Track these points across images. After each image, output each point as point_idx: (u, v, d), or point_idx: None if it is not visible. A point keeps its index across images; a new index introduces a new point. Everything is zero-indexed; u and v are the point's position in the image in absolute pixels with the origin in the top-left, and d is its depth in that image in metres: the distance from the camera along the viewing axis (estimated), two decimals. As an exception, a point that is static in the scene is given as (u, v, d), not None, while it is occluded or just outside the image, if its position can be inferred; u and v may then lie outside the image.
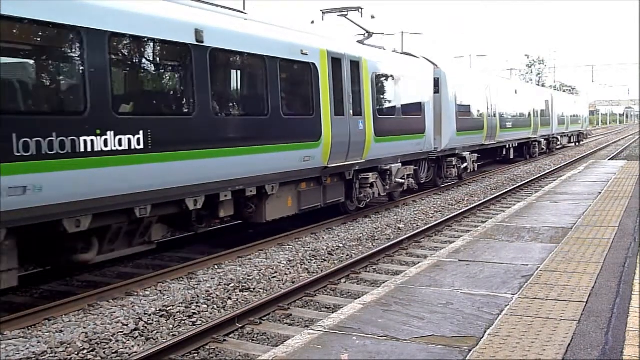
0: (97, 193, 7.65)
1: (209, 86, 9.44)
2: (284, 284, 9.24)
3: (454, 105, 20.20)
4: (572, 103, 46.11)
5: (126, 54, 8.58)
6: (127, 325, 7.29)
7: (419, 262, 8.34)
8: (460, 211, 15.39)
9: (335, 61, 12.89)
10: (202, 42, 9.30)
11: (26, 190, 6.73)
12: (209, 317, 7.77)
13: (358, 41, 15.63)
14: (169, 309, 7.87)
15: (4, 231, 6.71)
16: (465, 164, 21.13)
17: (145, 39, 8.56)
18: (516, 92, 29.12)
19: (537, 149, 33.86)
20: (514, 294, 6.11)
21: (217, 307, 8.15)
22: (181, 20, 9.09)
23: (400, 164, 15.92)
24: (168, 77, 9.53)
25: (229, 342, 6.96)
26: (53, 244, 7.88)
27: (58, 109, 7.50)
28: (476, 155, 22.52)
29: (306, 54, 11.94)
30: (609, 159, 31.76)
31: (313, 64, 12.15)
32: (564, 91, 77.87)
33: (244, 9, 12.86)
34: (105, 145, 7.63)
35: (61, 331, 7.13)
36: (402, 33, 51.99)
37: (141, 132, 8.17)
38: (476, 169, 23.01)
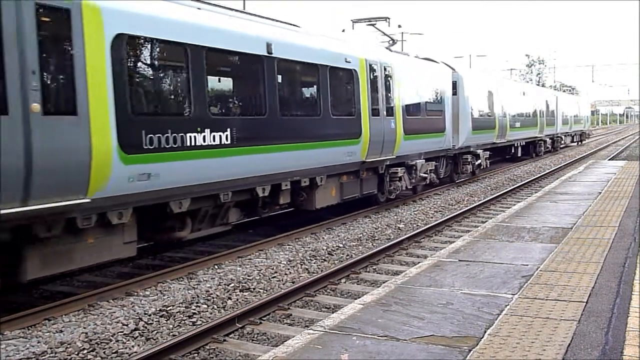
0: (196, 180, 9.24)
1: (276, 91, 11.16)
2: (284, 284, 9.24)
3: (470, 106, 21.81)
4: (575, 104, 47.81)
5: (217, 65, 10.18)
6: (127, 325, 7.29)
7: (419, 262, 8.34)
8: (460, 211, 15.39)
9: (372, 67, 14.59)
10: (272, 53, 10.99)
11: (150, 176, 8.37)
12: (209, 317, 7.77)
13: (386, 47, 17.60)
14: (169, 309, 7.88)
15: (130, 209, 8.30)
16: (478, 161, 22.64)
17: (231, 52, 10.27)
18: (524, 94, 30.95)
19: (542, 148, 35.34)
20: (514, 294, 6.11)
21: (217, 307, 8.15)
22: (257, 35, 10.78)
23: (424, 160, 17.38)
24: (247, 84, 11.12)
25: (229, 342, 6.96)
26: (159, 222, 9.42)
27: (173, 111, 9.23)
28: (488, 152, 24.03)
29: (349, 62, 13.64)
30: (609, 159, 31.77)
31: (355, 70, 13.82)
32: (564, 91, 79.07)
33: (244, 9, 14.03)
34: (204, 141, 9.27)
35: (61, 331, 7.13)
36: (402, 33, 51.93)
37: (228, 130, 9.77)
38: (488, 166, 24.45)
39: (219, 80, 10.48)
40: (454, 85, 20.57)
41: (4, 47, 6.46)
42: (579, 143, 49.30)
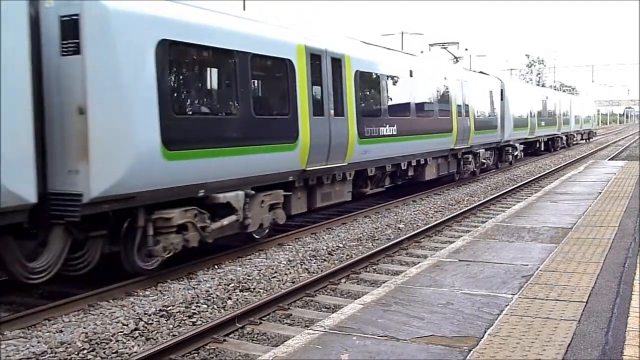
0: (386, 155, 15.09)
1: (413, 98, 16.96)
2: (284, 284, 9.24)
3: (511, 109, 27.84)
4: (585, 105, 54.08)
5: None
6: (127, 325, 7.29)
7: (419, 262, 8.34)
8: (460, 211, 15.39)
9: (458, 82, 20.52)
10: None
11: (365, 152, 13.92)
12: (209, 317, 7.77)
13: (464, 68, 24.05)
14: (169, 309, 7.88)
15: (353, 171, 13.84)
16: (516, 152, 29.09)
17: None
18: (547, 98, 37.96)
19: (559, 143, 41.55)
20: (514, 294, 6.11)
21: (217, 307, 8.15)
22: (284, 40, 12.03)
23: (484, 150, 23.43)
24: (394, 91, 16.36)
25: (229, 342, 6.96)
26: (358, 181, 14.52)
27: (374, 114, 14.93)
28: (522, 145, 30.62)
29: (447, 79, 19.58)
30: (609, 159, 31.77)
31: (448, 85, 19.69)
32: (564, 91, 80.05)
33: (244, 9, 14.20)
34: (386, 132, 14.95)
35: (61, 331, 7.13)
36: (402, 33, 51.97)
37: (395, 125, 15.41)
38: (522, 157, 31.54)
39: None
40: (501, 92, 26.55)
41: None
42: (587, 140, 54.35)
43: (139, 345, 6.86)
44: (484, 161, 23.75)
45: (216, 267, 10.08)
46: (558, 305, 5.71)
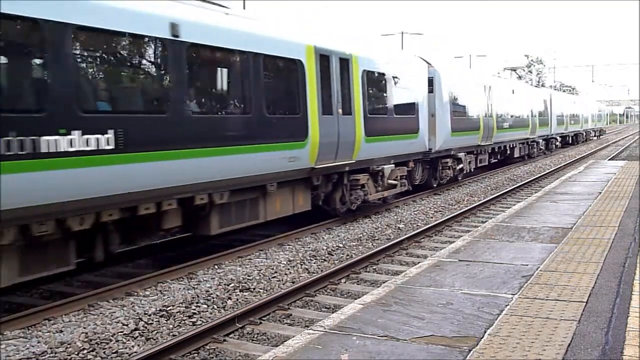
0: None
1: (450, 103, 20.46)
2: (284, 284, 9.24)
3: (554, 111, 37.30)
4: (597, 107, 67.38)
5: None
6: (127, 325, 7.29)
7: (419, 262, 8.33)
8: (460, 211, 15.39)
9: (482, 86, 23.71)
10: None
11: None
12: (209, 317, 7.77)
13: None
14: (169, 309, 7.88)
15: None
16: (557, 142, 37.68)
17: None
18: (574, 103, 48.74)
19: (581, 138, 52.18)
20: (514, 294, 6.11)
21: (217, 307, 8.15)
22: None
23: (542, 140, 31.03)
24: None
25: (229, 342, 6.96)
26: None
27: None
28: (560, 137, 41.69)
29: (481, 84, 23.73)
30: (609, 159, 31.76)
31: (487, 85, 24.23)
32: (564, 91, 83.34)
33: (244, 9, 14.68)
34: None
35: (61, 331, 7.13)
36: (402, 33, 51.97)
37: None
38: (554, 149, 40.05)
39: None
40: (550, 100, 36.15)
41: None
42: (598, 137, 65.18)
43: (139, 345, 6.86)
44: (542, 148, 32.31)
45: (216, 267, 10.08)
46: (558, 305, 5.71)
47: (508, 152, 27.81)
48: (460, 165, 20.99)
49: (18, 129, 6.63)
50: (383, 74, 15.38)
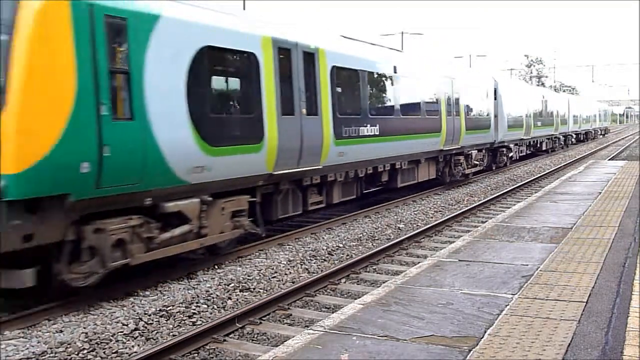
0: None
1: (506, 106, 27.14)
2: (284, 284, 9.24)
3: (572, 112, 44.33)
4: (603, 107, 75.03)
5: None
6: (127, 325, 7.29)
7: (419, 262, 8.33)
8: (460, 211, 15.39)
9: (496, 88, 26.17)
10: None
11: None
12: (209, 317, 7.77)
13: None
14: (169, 309, 7.87)
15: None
16: (511, 153, 33.58)
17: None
18: (586, 105, 57.29)
19: (591, 135, 60.19)
20: (514, 294, 6.11)
21: (217, 307, 8.15)
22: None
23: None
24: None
25: (229, 342, 6.96)
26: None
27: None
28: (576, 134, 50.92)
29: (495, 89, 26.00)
30: (609, 159, 31.76)
31: (495, 86, 26.15)
32: (564, 91, 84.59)
33: (244, 9, 15.26)
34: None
35: (61, 331, 7.12)
36: (402, 33, 51.97)
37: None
38: (575, 142, 49.44)
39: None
40: (568, 104, 43.37)
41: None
42: (603, 135, 71.16)
43: (139, 345, 6.86)
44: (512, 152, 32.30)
45: (216, 267, 10.07)
46: (558, 305, 5.71)
47: (538, 145, 35.06)
48: (511, 154, 28.03)
49: (353, 124, 13.62)
50: (477, 88, 22.91)
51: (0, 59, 6.80)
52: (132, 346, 6.80)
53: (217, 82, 10.36)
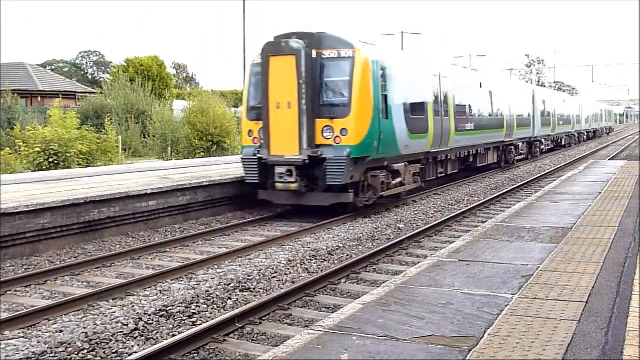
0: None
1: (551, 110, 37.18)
2: (284, 284, 9.24)
3: (585, 113, 51.47)
4: (606, 108, 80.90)
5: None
6: (127, 325, 7.29)
7: (419, 262, 8.33)
8: (460, 211, 15.39)
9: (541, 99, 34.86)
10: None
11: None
12: (209, 317, 7.77)
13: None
14: (169, 309, 7.88)
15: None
16: (542, 146, 37.09)
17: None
18: (595, 106, 64.26)
19: (598, 133, 66.21)
20: (514, 294, 6.11)
21: (217, 307, 8.15)
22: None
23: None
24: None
25: (229, 342, 6.96)
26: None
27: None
28: (588, 133, 58.76)
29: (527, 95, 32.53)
30: (609, 159, 31.79)
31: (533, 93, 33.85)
32: (564, 91, 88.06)
33: (244, 9, 18.91)
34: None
35: (61, 331, 7.13)
36: (402, 33, 52.03)
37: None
38: (580, 142, 51.77)
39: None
40: (579, 108, 49.24)
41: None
42: (608, 134, 76.89)
43: (139, 345, 6.86)
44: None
45: (216, 267, 10.08)
46: (558, 305, 5.71)
47: (559, 140, 41.62)
48: (542, 146, 35.39)
49: (462, 122, 20.57)
50: (520, 95, 29.89)
51: (349, 90, 13.80)
52: (132, 346, 6.80)
53: (413, 104, 17.25)
